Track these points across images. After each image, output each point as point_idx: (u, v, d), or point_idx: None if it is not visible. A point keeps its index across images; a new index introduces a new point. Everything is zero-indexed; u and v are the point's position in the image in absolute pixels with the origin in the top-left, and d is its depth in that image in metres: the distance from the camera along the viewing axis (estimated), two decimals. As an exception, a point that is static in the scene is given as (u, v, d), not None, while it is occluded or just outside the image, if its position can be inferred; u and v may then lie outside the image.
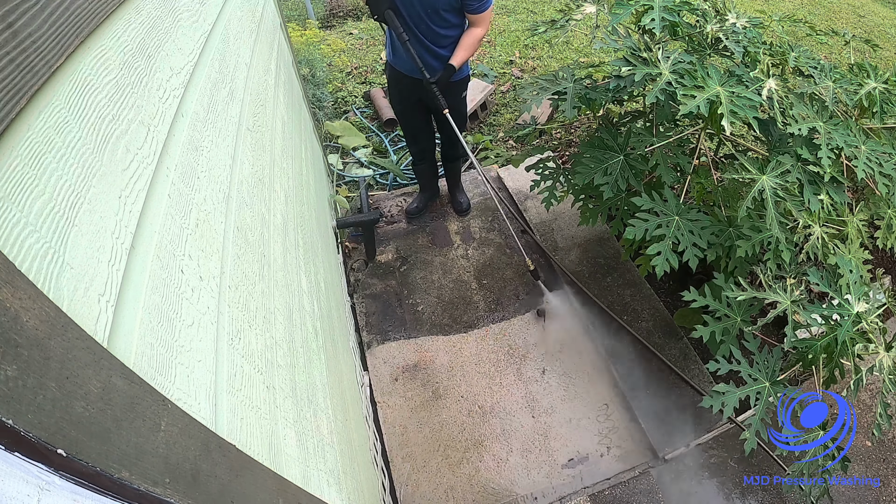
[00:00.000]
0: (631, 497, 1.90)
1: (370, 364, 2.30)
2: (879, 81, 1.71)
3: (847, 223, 1.76)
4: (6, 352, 0.33)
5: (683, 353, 2.27)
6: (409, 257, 2.72)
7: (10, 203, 0.40)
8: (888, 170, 1.62)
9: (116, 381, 0.44)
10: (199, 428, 0.57)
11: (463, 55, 2.09)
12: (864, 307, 1.46)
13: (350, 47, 4.26)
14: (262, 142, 1.30)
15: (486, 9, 2.04)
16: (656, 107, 1.90)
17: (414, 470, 1.99)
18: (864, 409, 2.11)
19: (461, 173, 2.93)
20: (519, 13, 4.71)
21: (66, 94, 0.51)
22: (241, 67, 1.24)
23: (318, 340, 1.40)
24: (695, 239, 1.72)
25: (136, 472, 0.42)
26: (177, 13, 0.88)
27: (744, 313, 1.73)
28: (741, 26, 1.78)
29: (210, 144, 0.90)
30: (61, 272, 0.44)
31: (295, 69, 2.40)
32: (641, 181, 1.87)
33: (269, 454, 0.80)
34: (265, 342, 0.93)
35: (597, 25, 1.91)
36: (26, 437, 0.33)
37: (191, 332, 0.65)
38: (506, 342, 2.35)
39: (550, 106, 3.30)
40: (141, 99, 0.67)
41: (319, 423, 1.18)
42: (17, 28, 0.43)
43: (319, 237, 1.95)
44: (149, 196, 0.63)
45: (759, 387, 1.56)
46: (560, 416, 2.11)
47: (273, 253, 1.15)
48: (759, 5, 4.79)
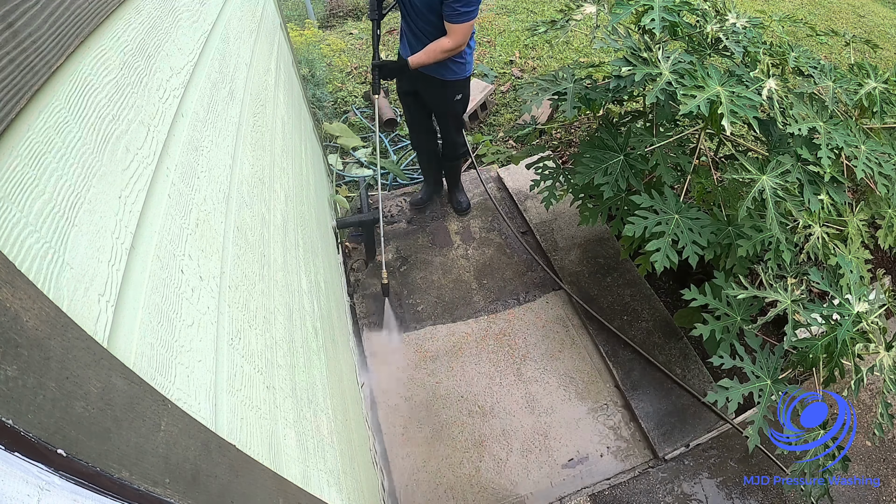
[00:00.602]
0: (631, 497, 1.90)
1: (370, 364, 2.30)
2: (879, 81, 1.71)
3: (847, 223, 1.76)
4: (6, 352, 0.33)
5: (683, 352, 2.27)
6: (409, 257, 2.72)
7: (10, 203, 0.40)
8: (888, 170, 1.62)
9: (116, 381, 0.44)
10: (199, 428, 0.57)
11: (422, 58, 2.03)
12: (865, 307, 1.46)
13: (350, 47, 4.26)
14: (262, 142, 1.30)
15: (458, 21, 1.94)
16: (656, 107, 1.90)
17: (414, 470, 1.99)
18: (865, 409, 2.11)
19: (461, 173, 2.93)
20: (519, 13, 4.70)
21: (66, 94, 0.51)
22: (241, 67, 1.24)
23: (318, 340, 1.40)
24: (694, 237, 1.72)
25: (136, 472, 0.42)
26: (177, 13, 0.88)
27: (744, 312, 1.73)
28: (741, 26, 1.78)
29: (210, 144, 0.90)
30: (61, 272, 0.44)
31: (295, 69, 2.40)
32: (641, 181, 1.87)
33: (269, 454, 0.80)
34: (265, 342, 0.93)
35: (597, 25, 1.90)
36: (26, 437, 0.33)
37: (191, 332, 0.65)
38: (506, 342, 2.35)
39: (550, 106, 3.30)
40: (141, 99, 0.67)
41: (319, 423, 1.18)
42: (17, 28, 0.43)
43: (319, 237, 1.95)
44: (149, 196, 0.63)
45: (762, 384, 1.56)
46: (560, 416, 2.11)
47: (273, 253, 1.15)
48: (759, 5, 4.79)
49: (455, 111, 2.37)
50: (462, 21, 1.94)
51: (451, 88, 2.25)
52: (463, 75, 2.22)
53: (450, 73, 2.18)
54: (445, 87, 2.23)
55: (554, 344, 2.34)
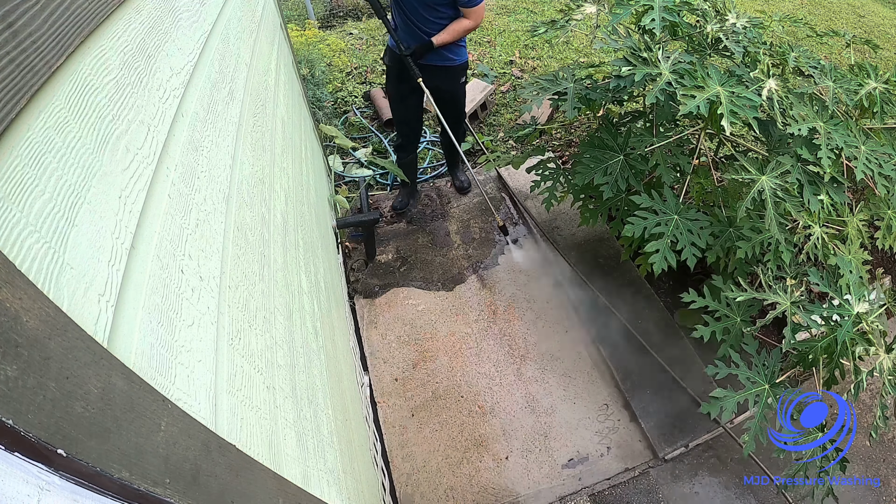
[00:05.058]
0: (631, 497, 1.90)
1: (370, 364, 2.30)
2: (880, 82, 1.71)
3: (847, 223, 1.76)
4: (6, 352, 0.33)
5: (683, 352, 2.27)
6: (408, 257, 2.72)
7: (10, 203, 0.40)
8: (888, 171, 1.62)
9: (116, 381, 0.44)
10: (199, 428, 0.57)
11: (445, 37, 2.21)
12: (865, 307, 1.46)
13: (350, 47, 4.25)
14: (262, 142, 1.30)
15: (476, 3, 2.15)
16: (656, 107, 1.90)
17: (414, 470, 1.99)
18: (864, 410, 2.11)
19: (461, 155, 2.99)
20: (519, 13, 4.70)
21: (66, 94, 0.51)
22: (241, 67, 1.24)
23: (318, 340, 1.40)
24: (693, 238, 1.72)
25: (136, 472, 0.42)
26: (177, 13, 0.88)
27: (743, 313, 1.73)
28: (741, 26, 1.78)
29: (210, 144, 0.90)
30: (61, 272, 0.44)
31: (295, 69, 2.40)
32: (641, 181, 1.87)
33: (269, 454, 0.80)
34: (265, 342, 0.93)
35: (597, 25, 1.91)
36: (26, 437, 0.33)
37: (191, 332, 0.65)
38: (506, 342, 2.35)
39: (550, 106, 3.29)
40: (141, 99, 0.67)
41: (319, 423, 1.18)
42: (17, 28, 0.43)
43: (319, 237, 1.95)
44: (149, 196, 0.63)
45: (759, 389, 1.56)
46: (560, 416, 2.11)
47: (273, 253, 1.15)
48: (759, 5, 4.79)
49: (463, 94, 2.56)
50: (477, 3, 2.16)
51: (461, 71, 2.45)
52: (466, 57, 2.45)
53: (459, 57, 2.38)
54: (457, 71, 2.43)
55: (553, 344, 2.34)
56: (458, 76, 2.45)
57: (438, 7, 2.16)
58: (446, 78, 2.41)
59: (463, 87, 2.53)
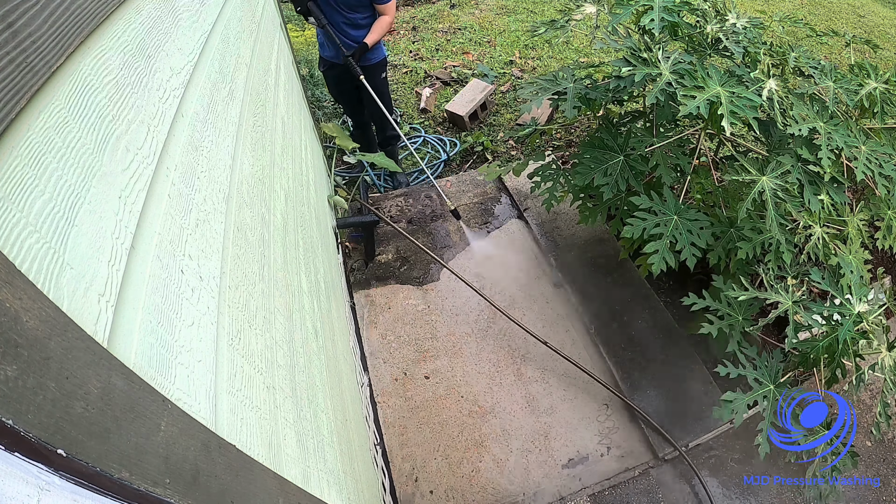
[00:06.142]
0: (631, 497, 1.90)
1: (370, 364, 2.30)
2: (880, 82, 1.71)
3: (847, 223, 1.76)
4: (6, 352, 0.33)
5: (684, 352, 2.27)
6: (409, 257, 2.72)
7: (10, 203, 0.40)
8: (888, 171, 1.62)
9: (116, 381, 0.44)
10: (199, 428, 0.57)
11: (373, 37, 2.47)
12: (865, 307, 1.46)
13: (350, 47, 4.25)
14: (262, 142, 1.30)
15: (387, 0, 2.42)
16: (656, 107, 1.90)
17: (414, 470, 1.99)
18: (865, 409, 2.11)
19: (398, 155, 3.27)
20: (519, 13, 4.70)
21: (66, 94, 0.51)
22: (241, 67, 1.24)
23: (318, 340, 1.40)
24: (693, 238, 1.72)
25: (136, 472, 0.42)
26: (177, 13, 0.88)
27: (745, 312, 1.73)
28: (741, 26, 1.78)
29: (210, 144, 0.90)
30: (61, 272, 0.44)
31: (295, 69, 2.40)
32: (641, 181, 1.87)
33: (269, 454, 0.80)
34: (265, 342, 0.93)
35: (597, 25, 1.90)
36: (26, 437, 0.33)
37: (191, 332, 0.65)
38: (506, 342, 2.35)
39: (550, 106, 3.29)
40: (141, 99, 0.67)
41: (319, 423, 1.18)
42: (17, 28, 0.43)
43: (319, 237, 1.95)
44: (149, 196, 0.63)
45: (765, 390, 1.55)
46: (560, 416, 2.11)
47: (273, 253, 1.15)
48: (759, 5, 4.79)
49: (381, 90, 2.72)
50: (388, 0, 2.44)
51: (383, 66, 2.71)
52: (385, 54, 2.71)
53: (376, 55, 2.62)
54: (382, 66, 2.70)
55: (554, 343, 2.34)
56: (379, 72, 2.69)
57: (358, 9, 2.44)
58: (375, 73, 2.65)
59: (385, 81, 2.79)
